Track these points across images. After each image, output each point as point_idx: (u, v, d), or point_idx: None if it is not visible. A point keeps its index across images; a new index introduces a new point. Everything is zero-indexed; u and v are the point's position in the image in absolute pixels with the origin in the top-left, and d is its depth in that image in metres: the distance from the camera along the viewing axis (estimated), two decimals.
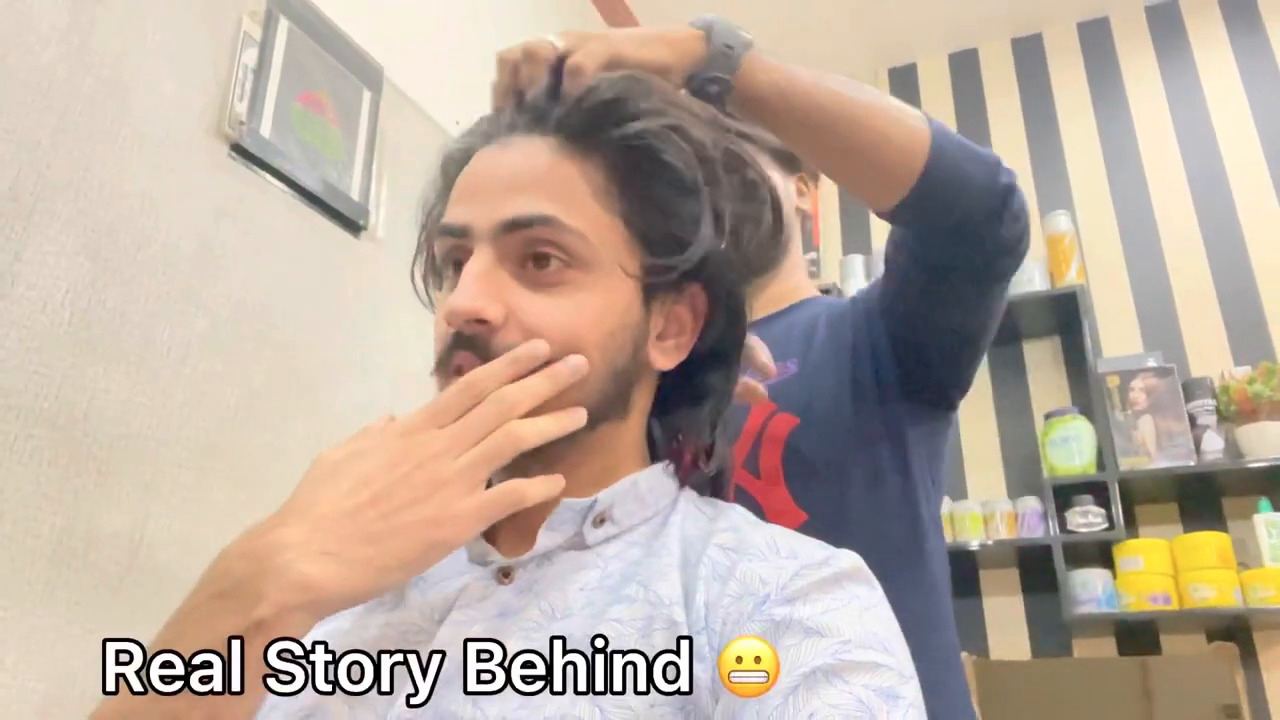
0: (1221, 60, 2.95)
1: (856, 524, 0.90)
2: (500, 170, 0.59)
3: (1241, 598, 2.33)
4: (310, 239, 1.54)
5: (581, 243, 0.57)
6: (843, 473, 0.92)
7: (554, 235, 0.56)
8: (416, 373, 1.72)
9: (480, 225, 0.57)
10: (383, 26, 1.82)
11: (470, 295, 0.55)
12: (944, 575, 0.96)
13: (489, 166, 0.60)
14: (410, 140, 1.82)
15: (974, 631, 2.68)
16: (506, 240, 0.57)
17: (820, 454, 0.92)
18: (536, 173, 0.58)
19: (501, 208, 0.57)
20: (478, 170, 0.61)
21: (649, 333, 0.60)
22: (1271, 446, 2.41)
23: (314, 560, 0.45)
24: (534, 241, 0.56)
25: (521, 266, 0.57)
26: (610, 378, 0.58)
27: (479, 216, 0.57)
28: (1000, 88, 3.23)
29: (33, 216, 1.09)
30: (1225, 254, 2.74)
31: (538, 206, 0.56)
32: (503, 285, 0.56)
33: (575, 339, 0.56)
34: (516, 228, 0.56)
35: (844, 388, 0.94)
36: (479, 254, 0.57)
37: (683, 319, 0.63)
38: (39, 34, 1.14)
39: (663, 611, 0.51)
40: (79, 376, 1.11)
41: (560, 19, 2.65)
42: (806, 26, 3.14)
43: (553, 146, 0.59)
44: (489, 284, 0.56)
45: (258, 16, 1.48)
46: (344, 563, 0.45)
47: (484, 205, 0.58)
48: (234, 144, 1.40)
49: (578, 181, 0.58)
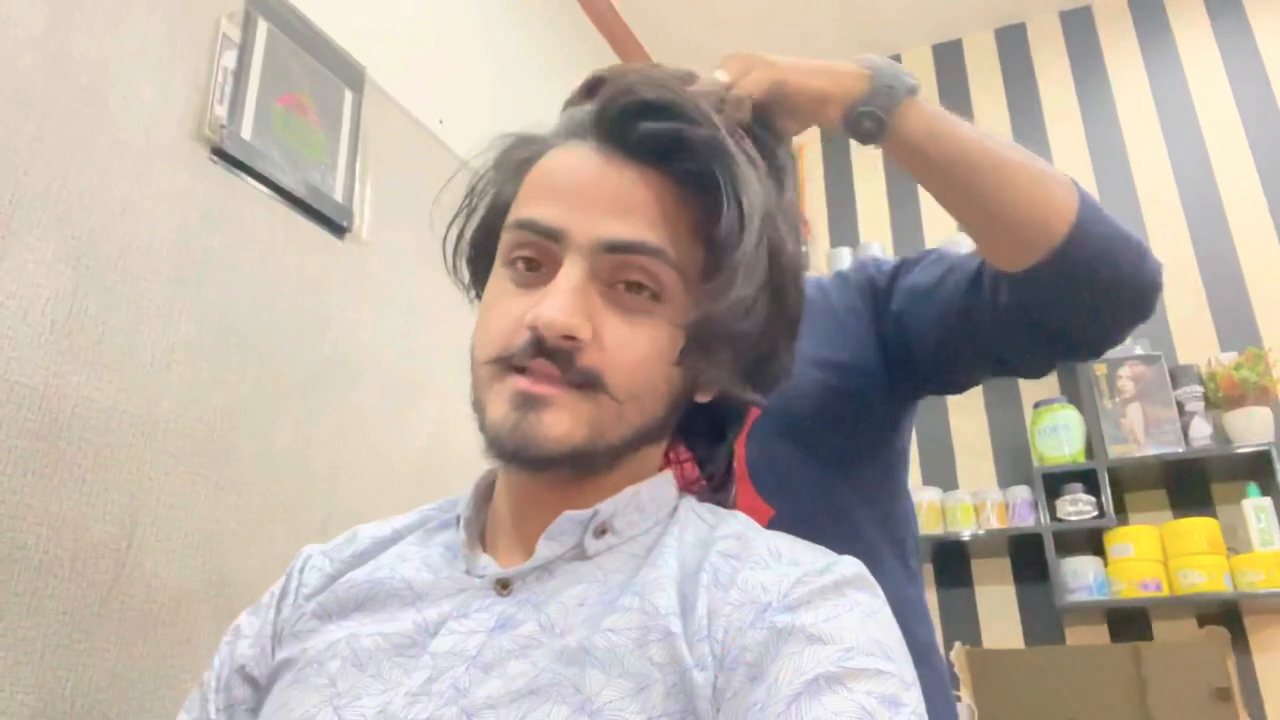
0: (1205, 47, 2.96)
1: (825, 517, 0.87)
2: (608, 183, 0.57)
3: (1231, 582, 2.35)
4: (294, 242, 1.53)
5: (676, 279, 0.57)
6: (809, 464, 0.89)
7: (655, 268, 0.56)
8: (403, 374, 1.71)
9: (579, 236, 0.56)
10: (363, 26, 1.81)
11: (569, 311, 0.54)
12: (917, 562, 0.95)
13: (595, 174, 0.57)
14: (394, 140, 1.81)
15: (967, 621, 2.70)
16: (604, 259, 0.56)
17: (785, 446, 0.90)
18: (646, 199, 0.57)
19: (607, 225, 0.56)
20: (581, 175, 0.58)
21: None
22: (1259, 432, 2.43)
23: None
24: (632, 267, 0.56)
25: (610, 286, 0.56)
26: (669, 406, 0.59)
27: (579, 227, 0.56)
28: (984, 78, 3.24)
29: (11, 225, 1.08)
30: (1210, 241, 2.75)
31: (647, 234, 0.56)
32: (592, 303, 0.55)
33: (650, 369, 0.56)
34: (621, 250, 0.56)
35: (814, 374, 0.90)
36: (574, 266, 0.55)
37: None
38: (15, 40, 1.12)
39: (659, 622, 0.51)
40: (62, 385, 1.10)
41: (543, 19, 2.64)
42: (789, 19, 3.14)
43: (660, 176, 0.57)
44: (583, 301, 0.55)
45: (236, 18, 1.47)
46: None
47: (586, 216, 0.56)
48: (215, 148, 1.39)
49: (680, 219, 0.57)
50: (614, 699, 0.48)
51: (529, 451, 0.54)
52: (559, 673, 0.50)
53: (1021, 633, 2.65)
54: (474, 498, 0.64)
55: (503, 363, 0.56)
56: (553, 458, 0.54)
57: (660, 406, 0.58)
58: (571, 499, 0.58)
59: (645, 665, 0.50)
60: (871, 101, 0.73)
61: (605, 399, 0.55)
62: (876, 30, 3.29)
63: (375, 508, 1.55)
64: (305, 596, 0.63)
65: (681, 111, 0.57)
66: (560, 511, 0.57)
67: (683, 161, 0.57)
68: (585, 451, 0.55)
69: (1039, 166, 0.75)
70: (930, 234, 3.09)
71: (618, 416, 0.56)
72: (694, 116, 0.57)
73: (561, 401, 0.54)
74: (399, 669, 0.54)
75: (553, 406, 0.54)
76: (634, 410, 0.56)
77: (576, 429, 0.54)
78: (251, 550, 1.32)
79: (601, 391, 0.55)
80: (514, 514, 0.61)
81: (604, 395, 0.55)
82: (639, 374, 0.56)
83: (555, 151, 0.61)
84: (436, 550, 0.63)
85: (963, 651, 2.51)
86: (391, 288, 1.72)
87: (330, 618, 0.60)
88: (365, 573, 0.62)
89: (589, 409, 0.55)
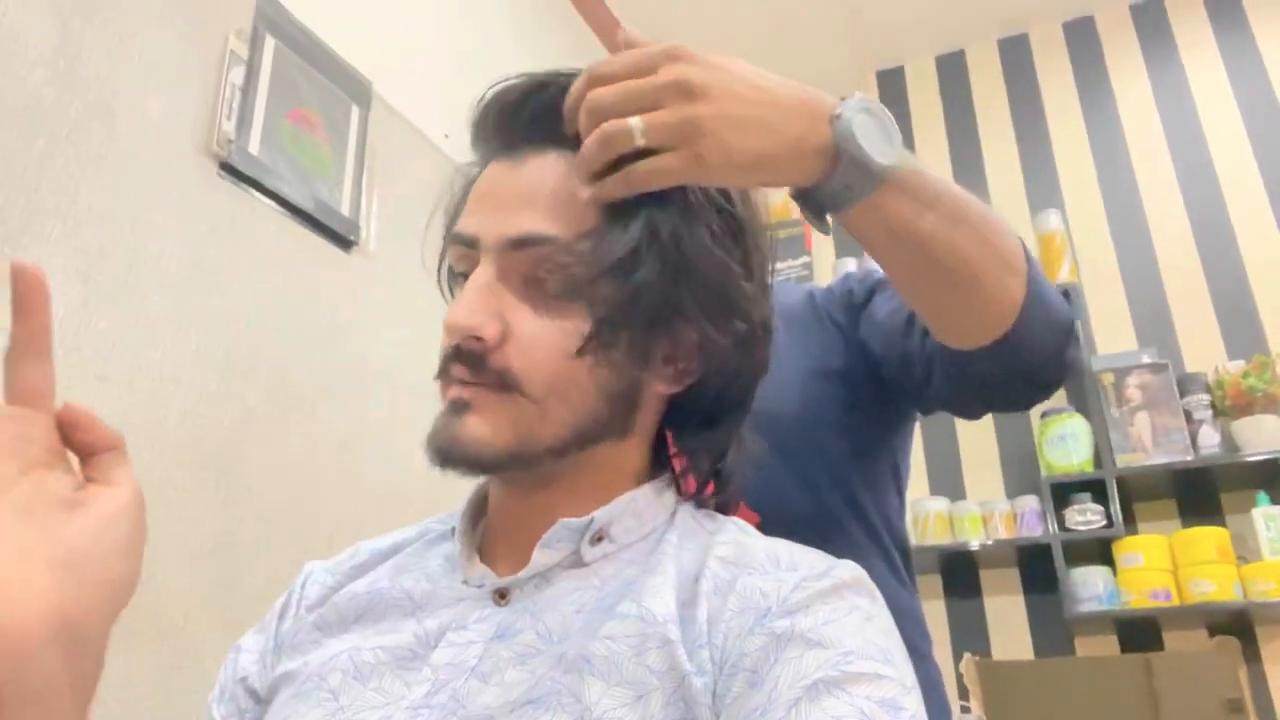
0: (1207, 56, 2.96)
1: (813, 522, 0.86)
2: (511, 180, 0.58)
3: (1242, 592, 2.33)
4: (301, 256, 1.54)
5: (589, 274, 0.56)
6: (794, 469, 0.88)
7: (559, 258, 0.55)
8: (410, 385, 1.72)
9: (487, 238, 0.57)
10: (370, 42, 1.82)
11: (469, 311, 0.54)
12: (909, 572, 0.95)
13: (500, 177, 0.59)
14: (400, 155, 1.82)
15: (976, 632, 2.68)
16: (512, 256, 0.56)
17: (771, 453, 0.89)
18: (545, 188, 0.57)
19: (507, 223, 0.56)
20: (489, 181, 0.60)
21: (648, 358, 0.58)
22: (1267, 439, 2.42)
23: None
24: (539, 260, 0.56)
25: (524, 283, 0.56)
26: (602, 400, 0.57)
27: (487, 229, 0.57)
28: (988, 88, 3.24)
29: (21, 240, 1.09)
30: (1216, 248, 2.74)
31: (543, 225, 0.56)
32: (503, 301, 0.56)
33: (567, 363, 0.55)
34: (520, 246, 0.56)
35: (799, 380, 0.89)
36: (483, 268, 0.56)
37: (688, 344, 0.60)
38: (26, 58, 1.14)
39: (657, 630, 0.51)
40: (71, 398, 1.11)
41: (545, 32, 2.65)
42: (794, 31, 3.15)
43: (567, 161, 0.57)
44: (489, 299, 0.55)
45: (244, 35, 1.48)
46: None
47: (493, 217, 0.57)
48: (223, 162, 1.40)
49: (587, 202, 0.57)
50: (612, 707, 0.48)
51: (454, 455, 0.55)
52: (557, 680, 0.50)
53: (1031, 643, 2.63)
54: (468, 509, 0.64)
55: (440, 374, 0.57)
56: (478, 461, 0.55)
57: (595, 401, 0.56)
58: (561, 506, 0.58)
59: (643, 673, 0.49)
60: (826, 194, 0.58)
61: (522, 399, 0.55)
62: (879, 41, 3.30)
63: (383, 519, 1.55)
64: (306, 609, 0.63)
65: (553, 85, 0.58)
66: (555, 519, 0.57)
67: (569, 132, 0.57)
68: (518, 454, 0.55)
69: (992, 252, 0.66)
70: None
71: (541, 416, 0.55)
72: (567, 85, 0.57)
73: (480, 404, 0.55)
74: (400, 681, 0.54)
75: (473, 410, 0.55)
76: (558, 407, 0.55)
77: (499, 432, 0.54)
78: (260, 562, 1.32)
79: (516, 391, 0.54)
80: (507, 523, 0.61)
81: (519, 395, 0.54)
82: (551, 369, 0.55)
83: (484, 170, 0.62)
84: (436, 561, 0.63)
85: (972, 662, 2.49)
86: (398, 300, 1.73)
87: (331, 630, 0.60)
88: (365, 584, 0.62)
89: (508, 410, 0.55)
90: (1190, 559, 2.40)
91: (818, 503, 0.88)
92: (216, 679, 0.65)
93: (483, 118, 0.61)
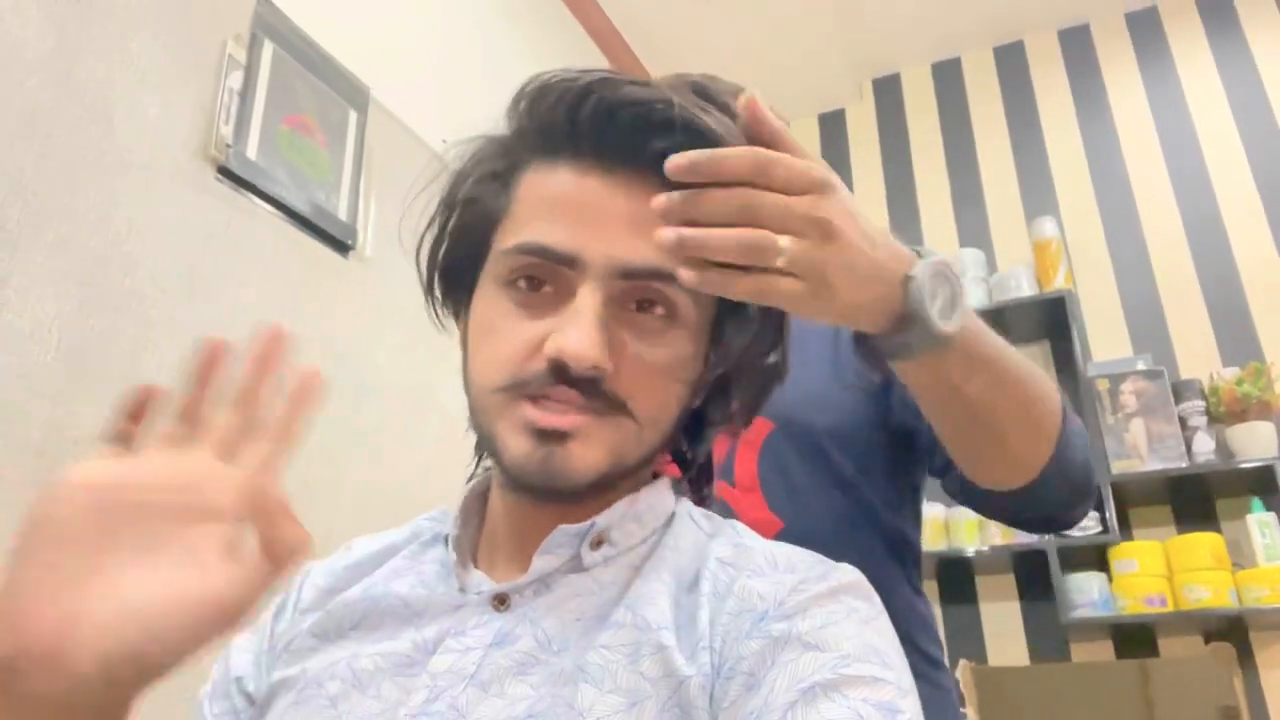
0: (1202, 64, 2.97)
1: (834, 532, 0.88)
2: (617, 203, 0.54)
3: (1237, 598, 2.34)
4: (298, 260, 1.53)
5: (689, 304, 0.56)
6: (820, 479, 0.90)
7: (669, 291, 0.55)
8: (407, 390, 1.72)
9: (595, 261, 0.53)
10: (368, 47, 1.82)
11: (596, 344, 0.52)
12: (920, 584, 0.96)
13: (600, 192, 0.55)
14: (397, 160, 1.82)
15: (971, 638, 2.68)
16: (620, 284, 0.54)
17: (797, 459, 0.90)
18: (650, 217, 0.53)
19: (621, 248, 0.54)
20: (589, 195, 0.55)
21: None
22: (1262, 446, 2.43)
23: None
24: (649, 292, 0.55)
25: (623, 308, 0.55)
26: (679, 422, 0.60)
27: (594, 252, 0.54)
28: (984, 96, 3.25)
29: (19, 244, 1.09)
30: (1210, 256, 2.75)
31: (659, 258, 0.53)
32: (612, 329, 0.54)
33: (668, 388, 0.57)
34: (639, 276, 0.54)
35: (825, 389, 0.91)
36: (592, 293, 0.53)
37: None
38: (23, 61, 1.14)
39: (651, 637, 0.51)
40: (68, 403, 1.11)
41: (545, 37, 2.66)
42: (790, 38, 3.16)
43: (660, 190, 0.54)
44: (606, 332, 0.53)
45: (242, 40, 1.48)
46: None
47: (598, 239, 0.54)
48: (220, 167, 1.40)
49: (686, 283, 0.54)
50: (605, 714, 0.48)
51: (557, 485, 0.53)
52: (557, 695, 0.50)
53: (1026, 649, 2.63)
54: (462, 514, 0.63)
55: (515, 390, 0.54)
56: (580, 486, 0.54)
57: (673, 426, 0.59)
58: (570, 512, 0.58)
59: (638, 680, 0.49)
60: (887, 345, 0.60)
61: (628, 423, 0.55)
62: (875, 48, 3.31)
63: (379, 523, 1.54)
64: (301, 611, 0.63)
65: (695, 128, 0.53)
66: (556, 525, 0.57)
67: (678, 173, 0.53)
68: (607, 475, 0.55)
69: (1028, 417, 0.70)
70: (930, 240, 3.10)
71: (638, 440, 0.56)
72: (709, 133, 0.53)
73: (586, 430, 0.53)
74: (399, 689, 0.54)
75: (578, 437, 0.53)
76: (652, 432, 0.57)
77: (600, 455, 0.54)
78: None
79: (625, 416, 0.54)
80: (509, 528, 0.61)
81: (627, 419, 0.54)
82: (659, 397, 0.56)
83: (548, 167, 0.57)
84: (431, 567, 0.62)
85: (967, 668, 2.49)
86: (395, 305, 1.73)
87: (328, 637, 0.60)
88: (360, 590, 0.61)
89: (611, 434, 0.54)
90: (1185, 565, 2.40)
91: (842, 511, 0.90)
92: (210, 674, 0.65)
93: (568, 111, 0.55)
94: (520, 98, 0.58)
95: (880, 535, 0.91)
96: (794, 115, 3.43)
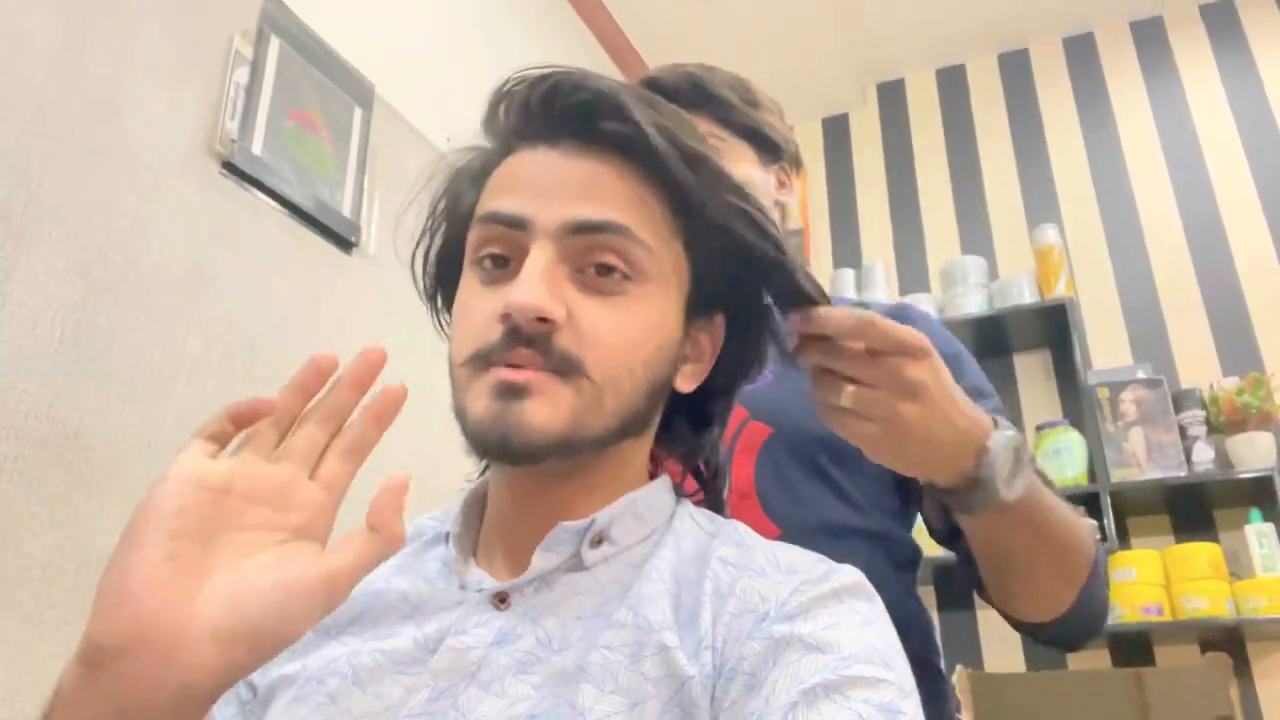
0: (1206, 73, 2.98)
1: (831, 538, 0.87)
2: (568, 172, 0.57)
3: (1234, 608, 2.34)
4: (302, 256, 1.54)
5: (647, 258, 0.56)
6: (817, 485, 0.90)
7: (624, 245, 0.56)
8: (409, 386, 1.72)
9: (544, 221, 0.55)
10: (374, 44, 1.82)
11: (538, 293, 0.53)
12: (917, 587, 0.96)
13: (547, 164, 0.58)
14: (402, 157, 1.83)
15: (968, 644, 2.68)
16: (571, 241, 0.55)
17: (794, 466, 0.90)
18: (610, 182, 0.57)
19: (571, 208, 0.55)
20: (543, 166, 0.58)
21: (684, 355, 0.61)
22: (1261, 457, 2.43)
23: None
24: (601, 248, 0.55)
25: (579, 270, 0.56)
26: (647, 393, 0.58)
27: (543, 213, 0.56)
28: (988, 102, 3.25)
29: (23, 236, 1.09)
30: (1212, 265, 2.75)
31: (612, 214, 0.56)
32: (562, 286, 0.55)
33: (629, 350, 0.56)
34: (587, 230, 0.55)
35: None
36: (540, 250, 0.55)
37: (704, 346, 0.63)
38: (30, 54, 1.14)
39: (653, 637, 0.51)
40: (70, 396, 1.11)
41: (549, 37, 2.66)
42: (794, 41, 3.16)
43: (622, 163, 0.58)
44: (552, 283, 0.54)
45: (249, 35, 1.49)
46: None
47: (549, 203, 0.56)
48: (225, 162, 1.40)
49: (650, 200, 0.57)
50: (605, 715, 0.48)
51: (512, 442, 0.52)
52: (558, 694, 0.50)
53: (1023, 656, 2.63)
54: (463, 512, 0.63)
55: (480, 360, 0.55)
56: (537, 448, 0.53)
57: (639, 395, 0.57)
58: (565, 507, 0.58)
59: (639, 681, 0.49)
60: (950, 498, 0.67)
61: (585, 383, 0.54)
62: (880, 54, 3.31)
63: None
64: None
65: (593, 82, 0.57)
66: (556, 522, 0.57)
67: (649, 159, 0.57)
68: (568, 440, 0.54)
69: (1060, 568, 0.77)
70: (933, 254, 3.10)
71: (597, 403, 0.54)
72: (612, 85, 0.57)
73: (542, 387, 0.53)
74: (399, 686, 0.54)
75: (534, 394, 0.53)
76: (613, 397, 0.55)
77: (557, 415, 0.53)
78: None
79: (581, 375, 0.54)
80: (509, 525, 0.61)
81: (583, 379, 0.54)
82: (616, 357, 0.55)
83: (511, 158, 0.60)
84: (432, 564, 0.62)
85: (964, 675, 2.49)
86: (397, 301, 1.73)
87: (328, 632, 0.59)
88: (360, 585, 0.62)
89: (569, 394, 0.54)
90: (1183, 575, 2.40)
91: (842, 518, 0.90)
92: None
93: (521, 104, 0.59)
94: (488, 105, 0.62)
95: (878, 542, 0.91)
96: (798, 118, 3.43)
